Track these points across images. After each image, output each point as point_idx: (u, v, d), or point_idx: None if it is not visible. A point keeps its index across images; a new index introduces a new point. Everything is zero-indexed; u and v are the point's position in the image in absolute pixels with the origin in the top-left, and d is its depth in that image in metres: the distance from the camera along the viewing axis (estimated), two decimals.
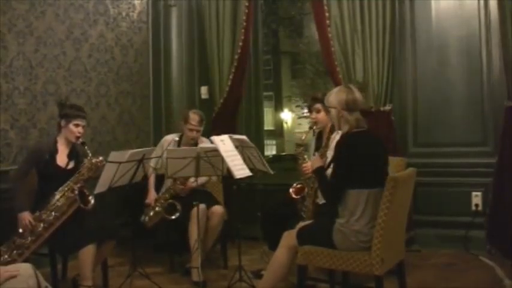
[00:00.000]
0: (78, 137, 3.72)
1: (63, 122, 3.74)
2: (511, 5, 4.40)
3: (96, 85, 5.10)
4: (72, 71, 4.83)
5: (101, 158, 3.68)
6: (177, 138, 4.53)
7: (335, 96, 3.23)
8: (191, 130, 4.39)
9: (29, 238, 3.54)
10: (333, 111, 3.23)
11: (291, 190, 4.01)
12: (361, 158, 3.08)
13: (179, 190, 4.35)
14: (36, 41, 4.49)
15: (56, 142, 3.77)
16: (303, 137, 3.83)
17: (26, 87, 4.41)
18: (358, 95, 3.22)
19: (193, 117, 4.41)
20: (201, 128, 4.45)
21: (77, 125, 3.72)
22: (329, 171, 3.23)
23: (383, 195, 2.99)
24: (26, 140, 4.39)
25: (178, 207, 4.25)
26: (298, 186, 3.99)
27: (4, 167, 4.14)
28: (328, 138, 3.74)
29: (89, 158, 3.67)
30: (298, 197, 3.92)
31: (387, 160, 3.27)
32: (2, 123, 4.22)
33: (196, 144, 4.36)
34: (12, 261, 3.41)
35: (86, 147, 3.70)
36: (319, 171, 3.26)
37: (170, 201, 4.29)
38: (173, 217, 4.25)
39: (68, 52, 4.79)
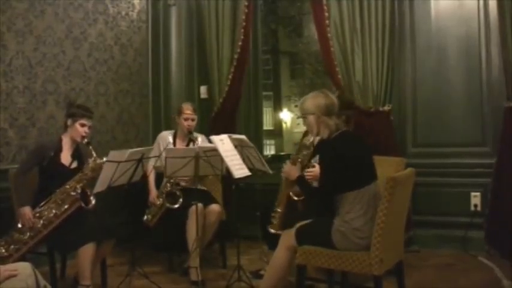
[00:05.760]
0: (83, 137, 3.73)
1: (69, 121, 3.75)
2: (511, 5, 4.40)
3: (96, 84, 5.10)
4: (71, 70, 4.83)
5: (104, 159, 3.65)
6: (170, 138, 4.55)
7: (312, 102, 3.22)
8: (187, 119, 4.48)
9: (28, 234, 3.53)
10: (311, 118, 3.22)
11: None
12: (348, 159, 3.08)
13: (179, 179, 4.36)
14: (35, 40, 4.48)
15: (60, 140, 3.78)
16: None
17: (26, 86, 4.41)
18: (334, 99, 3.25)
19: (187, 106, 4.54)
20: (196, 117, 4.54)
21: (83, 125, 3.73)
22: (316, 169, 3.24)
23: (382, 195, 3.00)
24: (25, 139, 4.39)
25: (179, 193, 4.25)
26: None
27: (3, 166, 4.14)
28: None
29: (93, 158, 3.66)
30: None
31: (372, 155, 3.27)
32: (1, 122, 4.22)
33: (191, 134, 4.45)
34: (9, 256, 3.42)
35: (90, 147, 3.69)
36: (301, 181, 3.25)
37: (169, 189, 4.30)
38: (177, 205, 4.23)
39: (67, 51, 4.79)
